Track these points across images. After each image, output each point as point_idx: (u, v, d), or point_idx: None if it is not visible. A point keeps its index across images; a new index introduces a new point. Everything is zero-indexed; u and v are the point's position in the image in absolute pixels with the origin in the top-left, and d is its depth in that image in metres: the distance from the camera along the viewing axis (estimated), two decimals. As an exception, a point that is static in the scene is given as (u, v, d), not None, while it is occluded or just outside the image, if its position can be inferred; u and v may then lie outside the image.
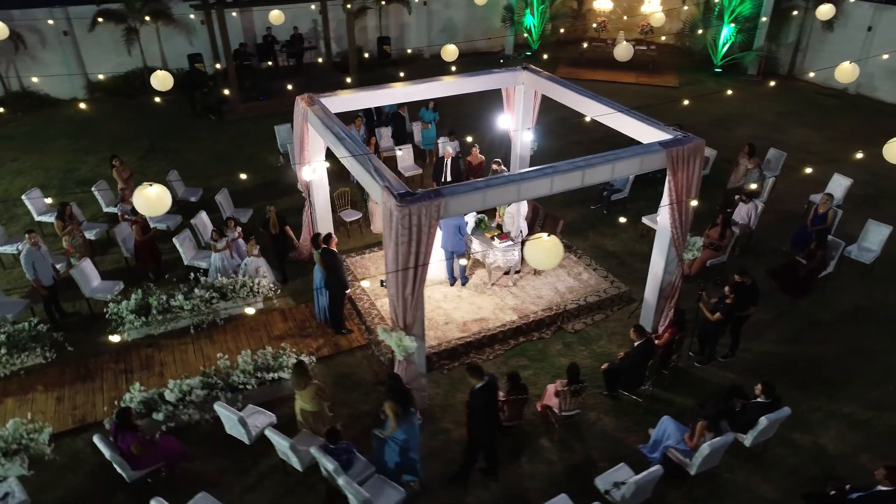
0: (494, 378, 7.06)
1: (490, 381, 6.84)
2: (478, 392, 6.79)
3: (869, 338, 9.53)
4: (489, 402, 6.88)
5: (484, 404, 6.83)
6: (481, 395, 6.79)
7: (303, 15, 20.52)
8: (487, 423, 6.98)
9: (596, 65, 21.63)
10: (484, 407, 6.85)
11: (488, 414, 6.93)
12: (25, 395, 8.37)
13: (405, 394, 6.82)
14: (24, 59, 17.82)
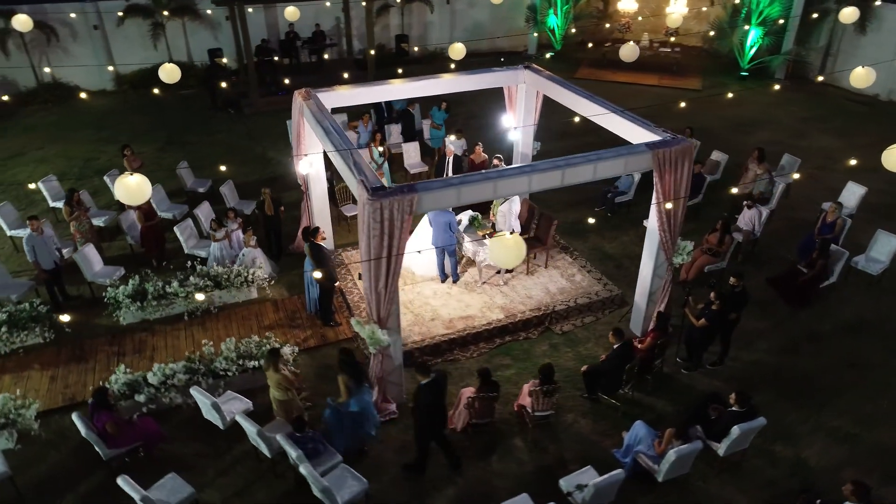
0: (442, 376, 7.11)
1: (436, 379, 6.87)
2: (423, 388, 6.83)
3: (868, 351, 9.23)
4: (435, 399, 6.91)
5: (429, 401, 6.86)
6: (427, 391, 6.82)
7: (326, 12, 20.79)
8: (432, 419, 7.00)
9: (618, 66, 21.24)
10: (429, 404, 6.87)
11: (433, 410, 6.95)
12: (22, 372, 8.71)
13: (357, 368, 7.15)
14: (56, 51, 18.49)
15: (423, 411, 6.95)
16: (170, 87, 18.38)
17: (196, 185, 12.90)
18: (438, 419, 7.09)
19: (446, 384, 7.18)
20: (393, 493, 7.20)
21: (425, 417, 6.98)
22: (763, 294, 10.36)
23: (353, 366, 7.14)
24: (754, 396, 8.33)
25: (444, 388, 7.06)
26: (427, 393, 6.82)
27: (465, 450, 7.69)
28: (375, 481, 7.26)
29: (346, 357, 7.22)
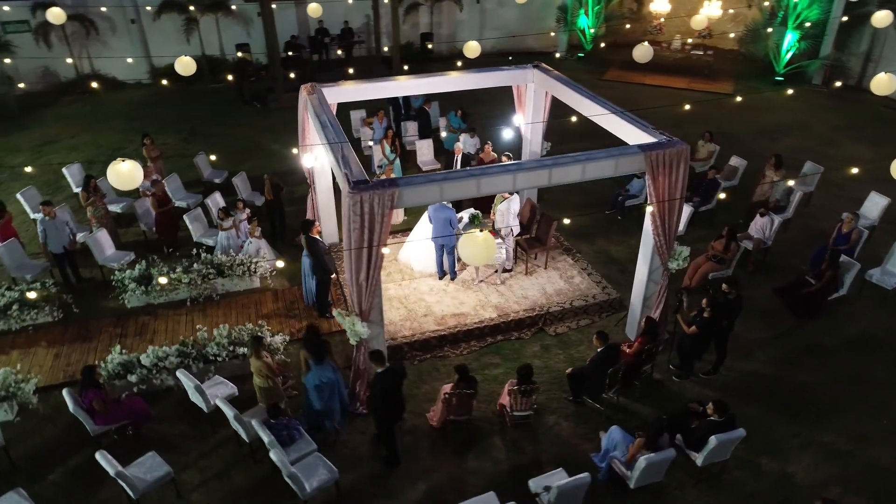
0: (401, 367, 7.23)
1: (391, 368, 6.92)
2: (378, 377, 6.92)
3: (872, 367, 8.89)
4: (389, 389, 6.95)
5: (383, 390, 6.90)
6: (381, 380, 6.87)
7: (356, 10, 21.06)
8: (385, 408, 7.05)
9: (648, 69, 20.92)
10: (383, 392, 6.92)
11: (387, 400, 6.99)
12: (29, 348, 9.11)
13: (319, 344, 7.40)
14: (95, 44, 19.22)
15: (377, 400, 7.01)
16: (200, 80, 19.13)
17: (212, 175, 13.25)
18: (392, 410, 7.12)
19: (403, 376, 7.23)
20: (365, 484, 7.27)
21: (378, 406, 7.04)
22: (768, 304, 10.09)
23: (314, 342, 7.39)
24: (745, 408, 8.20)
25: (399, 379, 7.10)
26: (381, 382, 6.89)
27: (443, 446, 7.73)
28: (351, 472, 7.37)
29: (309, 333, 7.49)
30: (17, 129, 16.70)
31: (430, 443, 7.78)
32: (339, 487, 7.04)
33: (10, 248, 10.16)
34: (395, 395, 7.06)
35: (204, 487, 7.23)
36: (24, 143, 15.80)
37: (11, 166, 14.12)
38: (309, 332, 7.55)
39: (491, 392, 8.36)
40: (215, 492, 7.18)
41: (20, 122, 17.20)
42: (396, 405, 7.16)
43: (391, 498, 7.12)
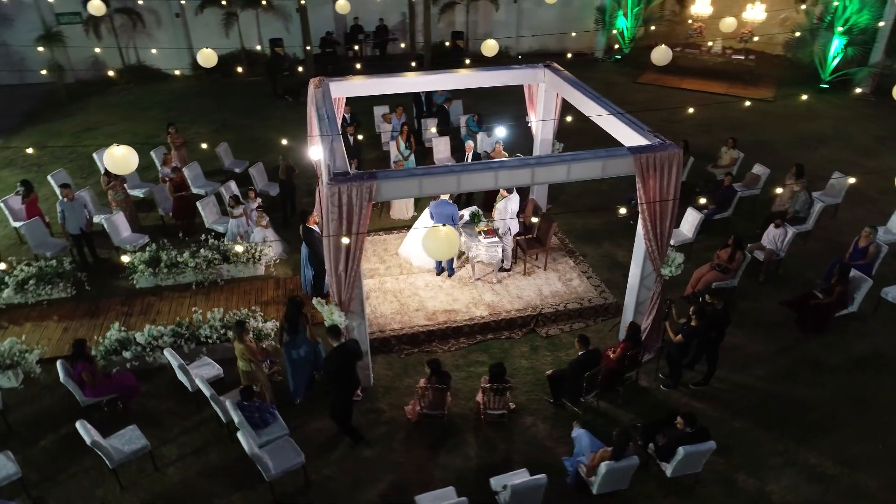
0: (355, 344, 7.41)
1: (346, 345, 7.18)
2: (333, 351, 7.20)
3: (876, 388, 8.49)
4: (343, 365, 7.18)
5: (338, 363, 7.16)
6: (336, 354, 7.16)
7: (393, 7, 21.31)
8: (341, 384, 7.29)
9: (686, 72, 20.48)
10: (338, 366, 7.19)
11: (340, 375, 7.23)
12: (41, 322, 9.61)
13: (296, 316, 7.84)
14: (141, 36, 20.04)
15: (330, 374, 7.31)
16: (239, 73, 19.72)
17: (233, 165, 13.66)
18: (345, 385, 7.33)
19: (357, 354, 7.42)
20: (334, 471, 7.40)
21: (332, 379, 7.28)
22: (774, 317, 9.75)
23: (293, 314, 7.82)
24: (731, 421, 8.00)
25: (352, 355, 7.28)
26: (336, 356, 7.15)
27: (416, 439, 7.80)
28: (322, 459, 7.52)
29: (291, 304, 7.88)
30: (62, 116, 17.59)
31: (405, 435, 7.85)
32: (306, 472, 7.19)
33: (34, 226, 10.74)
34: (348, 370, 7.25)
35: (181, 462, 7.50)
36: (67, 129, 16.62)
37: (51, 148, 14.92)
38: (291, 303, 7.92)
39: (473, 389, 8.36)
40: (191, 467, 7.44)
41: (67, 109, 18.11)
42: (350, 381, 7.33)
43: (357, 486, 7.22)
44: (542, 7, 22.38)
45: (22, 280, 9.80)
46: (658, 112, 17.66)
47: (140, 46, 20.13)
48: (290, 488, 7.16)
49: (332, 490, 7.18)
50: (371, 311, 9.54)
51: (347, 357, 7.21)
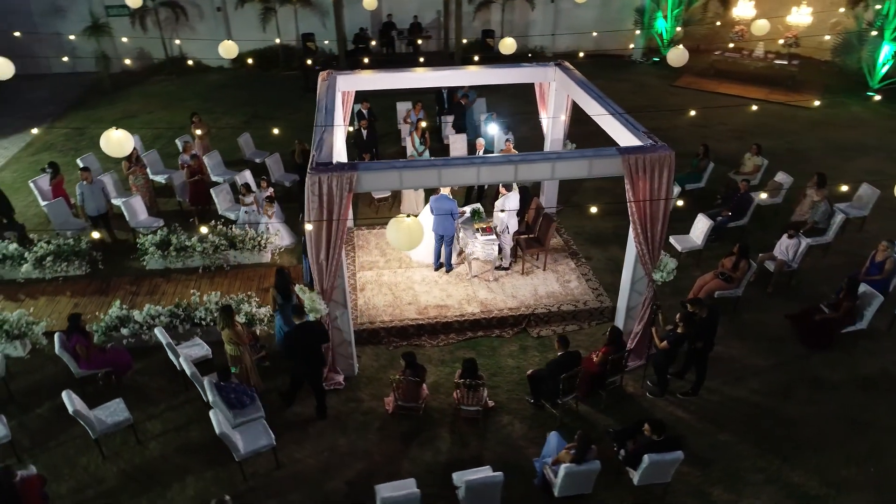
0: (320, 324, 7.61)
1: (307, 323, 7.40)
2: (295, 328, 7.47)
3: (875, 410, 8.08)
4: (307, 342, 7.45)
5: (301, 342, 7.45)
6: (299, 332, 7.42)
7: (428, 5, 21.42)
8: (303, 359, 7.57)
9: (726, 77, 19.92)
10: (302, 346, 7.47)
11: (303, 351, 7.51)
12: (55, 296, 10.09)
13: (286, 284, 8.38)
14: (184, 28, 20.75)
15: (290, 350, 7.67)
16: (275, 67, 20.22)
17: (254, 155, 14.00)
18: (311, 361, 7.63)
19: (320, 334, 7.60)
20: (306, 456, 7.52)
21: (297, 358, 7.61)
22: (779, 330, 9.41)
23: (282, 283, 8.37)
24: (717, 434, 7.77)
25: (315, 336, 7.52)
26: (299, 334, 7.43)
27: (391, 431, 7.84)
28: (295, 443, 7.66)
29: (279, 275, 8.48)
30: (105, 104, 18.40)
31: (380, 426, 7.91)
32: (277, 455, 7.33)
33: (57, 205, 11.29)
34: (311, 347, 7.50)
35: (162, 437, 7.76)
36: (108, 116, 17.35)
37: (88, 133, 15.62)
38: (278, 273, 8.51)
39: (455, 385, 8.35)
40: (171, 443, 7.68)
41: (110, 97, 18.93)
42: (315, 357, 7.64)
43: (326, 472, 7.32)
44: (580, 7, 22.06)
45: (41, 256, 10.30)
46: (691, 117, 17.24)
47: (182, 38, 20.83)
48: (261, 469, 7.32)
49: (300, 474, 7.30)
50: (364, 303, 9.64)
51: (309, 336, 7.43)
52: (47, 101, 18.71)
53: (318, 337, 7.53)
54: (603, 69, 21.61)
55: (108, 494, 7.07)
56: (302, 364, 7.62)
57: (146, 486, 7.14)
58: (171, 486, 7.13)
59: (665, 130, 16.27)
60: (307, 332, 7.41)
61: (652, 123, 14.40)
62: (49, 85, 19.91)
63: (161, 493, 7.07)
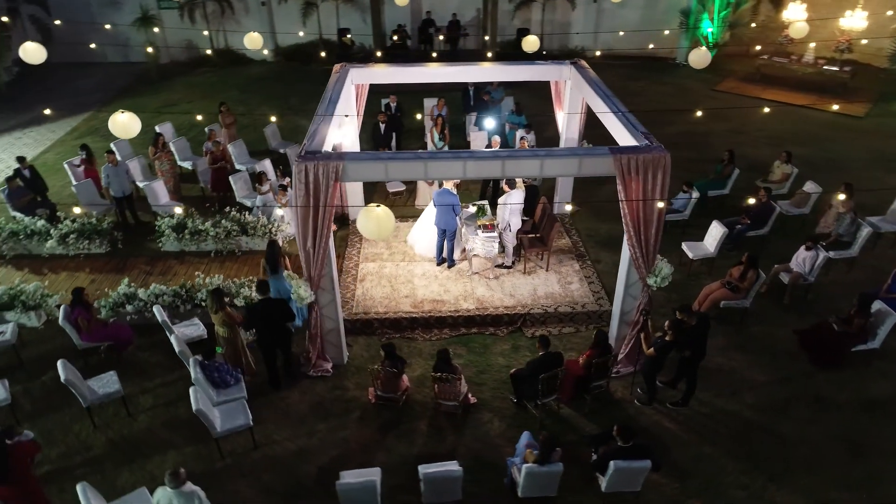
0: (284, 303, 7.87)
1: (269, 299, 7.83)
2: (259, 303, 7.89)
3: (878, 434, 7.64)
4: (267, 318, 7.82)
5: (261, 317, 7.86)
6: (261, 307, 7.84)
7: (468, 2, 21.41)
8: (270, 332, 7.98)
9: (771, 82, 19.15)
10: (262, 321, 7.88)
11: (264, 327, 7.92)
12: (75, 272, 10.58)
13: (275, 257, 8.83)
14: (230, 22, 21.38)
15: (252, 323, 8.03)
16: (315, 61, 20.58)
17: (279, 145, 14.34)
18: (274, 336, 7.98)
19: (284, 312, 7.88)
20: (282, 438, 7.65)
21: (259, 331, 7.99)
22: (786, 345, 9.01)
23: (271, 255, 8.87)
24: (702, 446, 7.53)
25: (277, 311, 7.83)
26: (260, 308, 7.83)
27: (370, 420, 7.90)
28: (276, 425, 7.81)
29: (269, 247, 8.98)
30: (150, 92, 19.15)
31: (360, 415, 7.98)
32: (254, 435, 7.49)
33: (85, 186, 11.84)
34: (273, 325, 7.89)
35: (152, 411, 8.04)
36: (150, 104, 18.03)
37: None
38: (269, 245, 8.98)
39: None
40: (159, 417, 7.96)
41: (155, 86, 19.69)
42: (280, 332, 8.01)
43: (300, 455, 7.43)
44: (624, 7, 21.69)
45: (65, 234, 10.82)
46: (728, 123, 16.71)
47: (228, 30, 21.48)
48: (239, 448, 7.50)
49: (276, 456, 7.43)
50: (362, 293, 9.74)
51: (270, 313, 7.74)
52: (97, 88, 19.62)
53: (281, 315, 7.81)
54: (645, 71, 21.17)
55: (94, 461, 7.37)
56: (265, 338, 7.99)
57: (129, 457, 7.41)
58: (153, 458, 7.39)
59: (699, 135, 15.95)
60: (269, 308, 7.74)
61: (684, 128, 14.08)
62: (102, 73, 20.88)
63: (142, 464, 7.33)
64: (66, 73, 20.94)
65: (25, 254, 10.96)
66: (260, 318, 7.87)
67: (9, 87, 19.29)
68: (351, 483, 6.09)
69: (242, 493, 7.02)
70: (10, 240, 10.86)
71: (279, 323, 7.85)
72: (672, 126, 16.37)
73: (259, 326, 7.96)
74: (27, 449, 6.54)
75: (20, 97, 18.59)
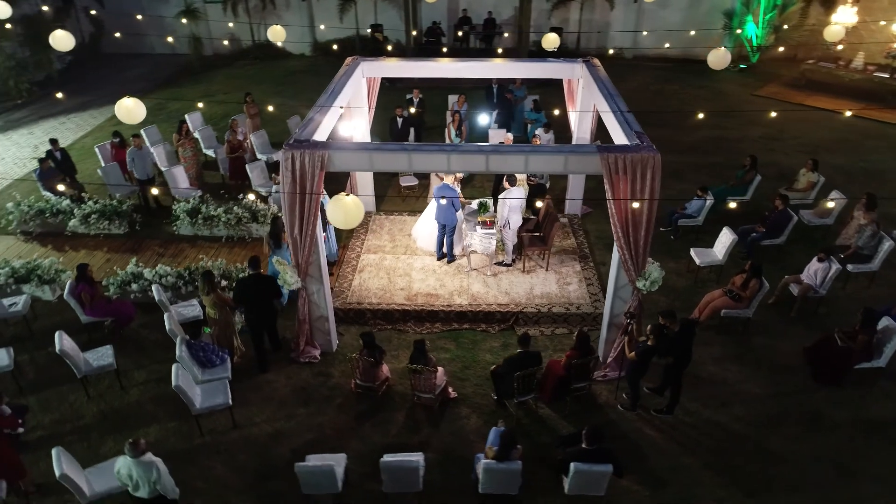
0: (272, 280, 8.06)
1: (259, 274, 8.08)
2: (249, 278, 8.13)
3: (872, 458, 7.25)
4: (256, 292, 8.05)
5: (251, 291, 8.07)
6: (250, 282, 8.09)
7: (505, 1, 21.32)
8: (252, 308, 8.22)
9: (817, 88, 18.36)
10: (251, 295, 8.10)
11: (252, 301, 8.15)
12: (93, 251, 11.06)
13: (278, 233, 9.19)
14: (271, 16, 21.90)
15: (239, 299, 8.20)
16: (352, 56, 20.78)
17: (301, 137, 14.58)
18: (261, 312, 8.22)
19: (272, 286, 8.08)
20: (261, 420, 7.81)
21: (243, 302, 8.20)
22: (788, 359, 8.67)
23: (275, 230, 9.33)
24: (681, 456, 7.33)
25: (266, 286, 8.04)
26: (248, 283, 8.06)
27: (349, 408, 7.99)
28: (257, 407, 7.98)
29: (273, 223, 9.44)
30: (190, 83, 19.82)
31: (340, 402, 8.07)
32: (233, 416, 7.68)
33: (112, 169, 12.35)
34: (261, 300, 8.13)
35: (143, 386, 8.34)
36: (189, 94, 18.68)
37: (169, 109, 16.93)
38: (273, 221, 9.43)
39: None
40: (149, 391, 8.24)
41: (196, 77, 20.37)
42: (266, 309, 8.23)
43: (276, 437, 7.58)
44: (665, 9, 21.27)
45: (87, 213, 11.32)
46: (763, 128, 16.14)
47: (270, 24, 21.95)
48: (219, 427, 7.70)
49: (253, 436, 7.60)
50: (359, 284, 9.84)
51: (259, 287, 7.99)
52: (142, 78, 20.41)
53: (269, 290, 8.03)
54: (682, 74, 20.65)
55: (83, 430, 7.70)
56: (253, 312, 8.20)
57: (116, 428, 7.71)
58: (137, 431, 7.66)
59: (730, 141, 15.49)
60: (258, 283, 7.98)
61: (714, 133, 13.64)
62: (149, 64, 21.72)
63: (127, 435, 7.50)
64: (117, 63, 21.88)
65: (51, 231, 11.52)
66: (248, 292, 8.10)
67: (61, 74, 20.30)
68: (309, 466, 6.19)
69: (216, 471, 7.20)
70: (37, 217, 11.43)
71: (266, 298, 8.10)
72: (702, 130, 15.94)
73: (247, 300, 8.18)
74: (4, 422, 6.83)
75: (70, 85, 19.51)
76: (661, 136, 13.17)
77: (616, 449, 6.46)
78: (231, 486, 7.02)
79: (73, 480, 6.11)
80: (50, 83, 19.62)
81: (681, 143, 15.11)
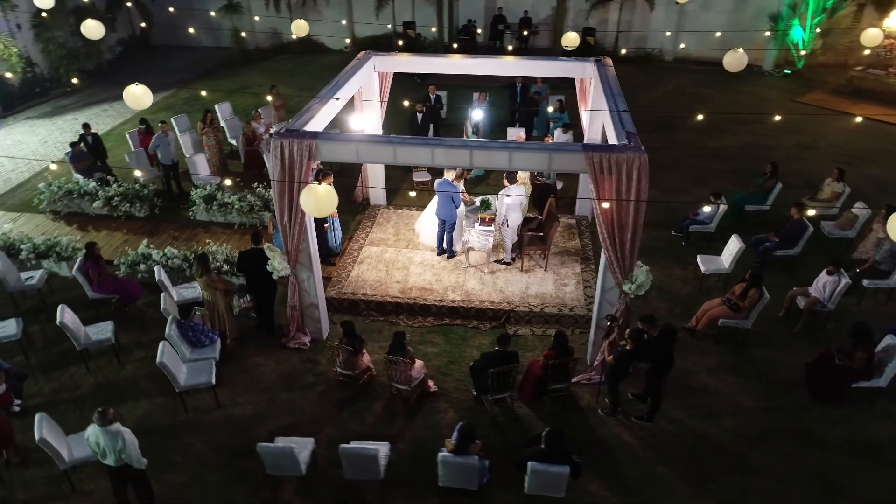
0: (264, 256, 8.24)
1: (257, 249, 8.46)
2: (250, 251, 8.56)
3: (859, 478, 6.92)
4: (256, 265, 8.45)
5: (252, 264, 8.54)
6: (251, 255, 8.51)
7: (542, 0, 21.17)
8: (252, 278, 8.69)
9: (863, 95, 17.53)
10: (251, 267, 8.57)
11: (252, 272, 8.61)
12: (113, 231, 11.55)
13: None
14: (311, 12, 22.33)
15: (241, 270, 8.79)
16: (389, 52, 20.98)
17: (324, 130, 14.84)
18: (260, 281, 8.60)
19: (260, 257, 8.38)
20: (244, 401, 8.02)
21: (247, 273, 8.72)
22: (788, 373, 8.34)
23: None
24: (655, 464, 7.19)
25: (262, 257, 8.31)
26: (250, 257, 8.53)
27: (329, 395, 8.11)
28: (242, 388, 8.20)
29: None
30: (228, 75, 20.42)
31: (323, 389, 8.20)
32: (217, 395, 7.91)
33: (137, 154, 12.86)
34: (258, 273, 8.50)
35: (139, 363, 8.67)
36: (225, 86, 19.20)
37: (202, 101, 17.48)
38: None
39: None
40: (144, 368, 8.55)
41: (236, 70, 20.96)
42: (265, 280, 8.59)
43: (256, 419, 7.76)
44: (708, 11, 20.73)
45: (110, 196, 11.83)
46: (800, 136, 15.55)
47: (310, 19, 22.39)
48: (203, 406, 7.94)
49: (234, 417, 7.81)
50: (357, 275, 9.96)
51: (258, 261, 8.34)
52: (185, 69, 21.15)
53: (253, 261, 8.40)
54: (723, 78, 19.90)
55: (78, 399, 8.07)
56: (253, 281, 8.68)
57: (108, 400, 8.02)
58: (126, 403, 7.98)
59: (763, 148, 14.96)
60: (258, 255, 8.38)
61: (748, 139, 13.28)
62: (192, 56, 22.48)
63: (116, 407, 7.64)
64: (164, 55, 22.75)
65: (77, 211, 12.08)
66: (250, 263, 8.56)
67: (110, 64, 21.22)
68: (271, 447, 6.32)
69: (195, 447, 7.43)
70: (65, 198, 12.02)
71: (265, 270, 8.37)
72: (735, 136, 15.49)
73: (248, 271, 8.66)
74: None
75: (117, 74, 20.38)
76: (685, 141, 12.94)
77: (572, 452, 6.34)
78: (206, 462, 7.23)
79: (53, 445, 6.42)
80: (99, 72, 20.54)
81: (709, 148, 14.67)
